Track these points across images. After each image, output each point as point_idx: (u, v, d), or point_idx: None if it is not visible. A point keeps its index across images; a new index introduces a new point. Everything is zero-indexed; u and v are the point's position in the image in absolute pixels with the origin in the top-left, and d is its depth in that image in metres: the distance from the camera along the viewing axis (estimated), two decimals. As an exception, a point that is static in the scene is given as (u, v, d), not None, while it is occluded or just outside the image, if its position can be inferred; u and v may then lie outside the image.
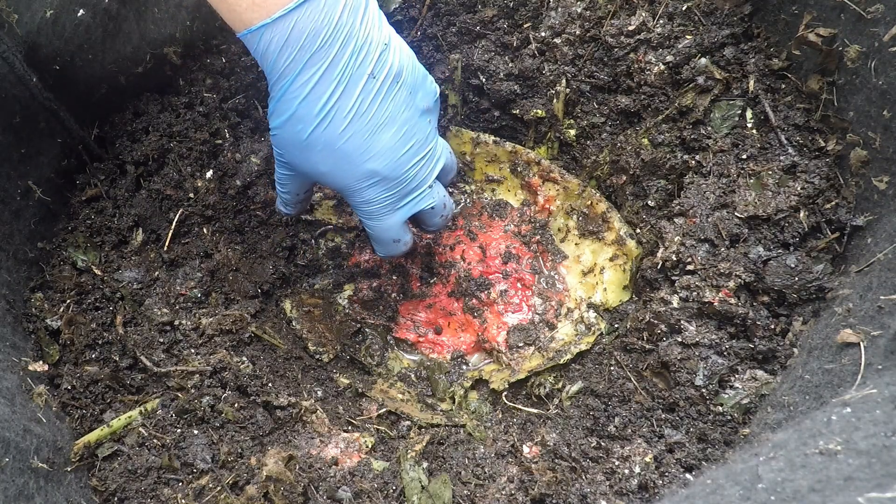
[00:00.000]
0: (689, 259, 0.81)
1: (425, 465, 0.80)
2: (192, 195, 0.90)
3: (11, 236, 0.79)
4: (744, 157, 0.84)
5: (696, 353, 0.76)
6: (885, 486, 0.39)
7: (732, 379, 0.75)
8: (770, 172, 0.81)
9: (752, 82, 0.85)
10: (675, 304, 0.80)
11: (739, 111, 0.86)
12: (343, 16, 0.67)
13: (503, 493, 0.75)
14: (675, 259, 0.82)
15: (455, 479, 0.78)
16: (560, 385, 0.90)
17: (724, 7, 0.87)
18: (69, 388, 0.76)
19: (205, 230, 0.92)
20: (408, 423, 0.90)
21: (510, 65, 0.97)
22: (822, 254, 0.77)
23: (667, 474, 0.71)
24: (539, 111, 0.99)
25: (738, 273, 0.77)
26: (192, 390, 0.78)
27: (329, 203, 1.00)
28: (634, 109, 0.94)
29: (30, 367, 0.75)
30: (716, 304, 0.77)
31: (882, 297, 0.64)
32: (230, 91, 0.94)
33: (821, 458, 0.45)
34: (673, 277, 0.83)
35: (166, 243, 0.88)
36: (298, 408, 0.82)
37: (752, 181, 0.82)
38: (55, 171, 0.84)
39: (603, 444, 0.78)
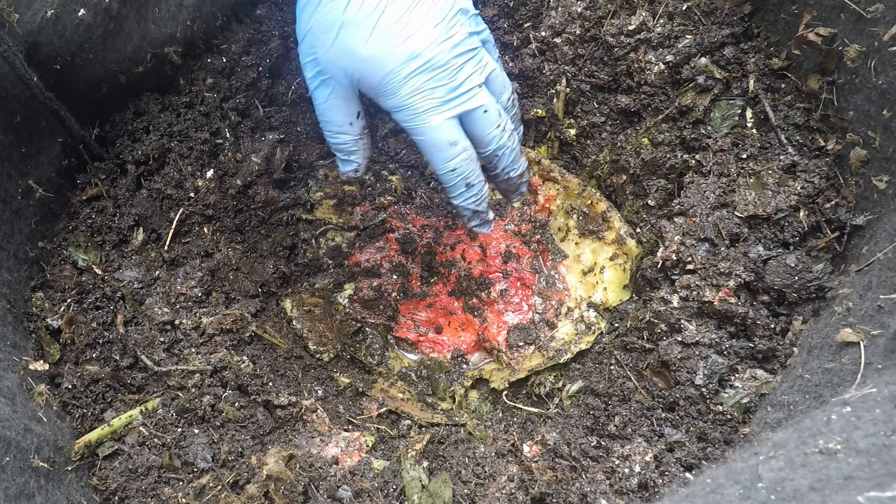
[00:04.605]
0: (689, 258, 0.81)
1: (425, 464, 0.80)
2: (192, 195, 0.90)
3: (12, 235, 0.79)
4: (744, 156, 0.84)
5: (696, 353, 0.76)
6: (885, 485, 0.39)
7: (732, 378, 0.75)
8: (770, 172, 0.81)
9: (751, 82, 0.85)
10: (675, 304, 0.80)
11: (739, 111, 0.86)
12: None
13: (503, 492, 0.75)
14: (675, 258, 0.82)
15: (455, 479, 0.78)
16: (560, 384, 0.90)
17: (724, 7, 0.87)
18: (70, 387, 0.76)
19: (205, 230, 0.92)
20: (408, 422, 0.90)
21: (510, 64, 0.97)
22: (822, 253, 0.77)
23: (667, 473, 0.71)
24: (539, 110, 0.99)
25: (738, 272, 0.77)
26: (193, 389, 0.78)
27: (329, 203, 1.00)
28: (634, 109, 0.94)
29: (30, 367, 0.75)
30: (716, 303, 0.77)
31: (882, 297, 0.64)
32: (231, 91, 0.94)
33: (821, 457, 0.45)
34: (673, 277, 0.83)
35: (167, 243, 0.88)
36: (299, 407, 0.82)
37: (752, 181, 0.82)
38: (56, 171, 0.84)
39: (603, 443, 0.78)
